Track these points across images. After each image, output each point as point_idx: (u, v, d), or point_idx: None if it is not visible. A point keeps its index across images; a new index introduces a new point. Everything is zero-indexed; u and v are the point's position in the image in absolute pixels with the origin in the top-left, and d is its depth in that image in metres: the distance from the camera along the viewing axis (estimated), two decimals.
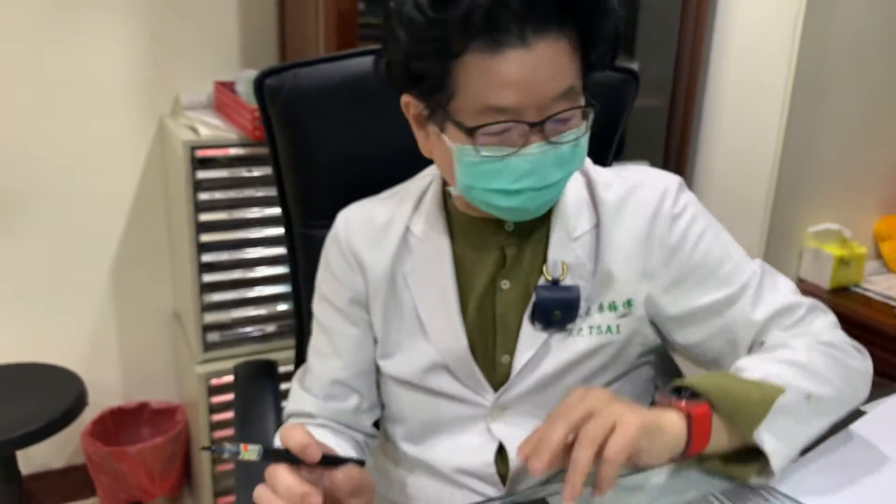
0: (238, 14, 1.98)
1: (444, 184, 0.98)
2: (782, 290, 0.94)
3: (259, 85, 1.14)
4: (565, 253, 0.93)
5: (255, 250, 1.80)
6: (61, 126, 1.89)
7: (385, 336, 0.98)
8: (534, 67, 0.78)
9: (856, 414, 0.98)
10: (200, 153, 1.70)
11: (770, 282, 0.94)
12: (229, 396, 1.85)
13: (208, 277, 1.77)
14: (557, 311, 0.91)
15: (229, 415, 1.87)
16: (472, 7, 0.75)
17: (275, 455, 0.73)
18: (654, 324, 0.96)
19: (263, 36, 2.01)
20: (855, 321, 1.84)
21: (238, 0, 1.96)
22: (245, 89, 1.75)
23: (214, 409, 1.85)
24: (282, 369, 1.37)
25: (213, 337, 1.82)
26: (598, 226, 0.94)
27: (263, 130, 1.16)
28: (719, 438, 0.80)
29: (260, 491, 0.73)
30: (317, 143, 1.17)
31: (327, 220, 1.14)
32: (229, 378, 1.83)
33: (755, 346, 0.93)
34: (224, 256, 1.77)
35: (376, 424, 1.07)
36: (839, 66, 1.88)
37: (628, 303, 0.94)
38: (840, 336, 0.93)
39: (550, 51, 0.79)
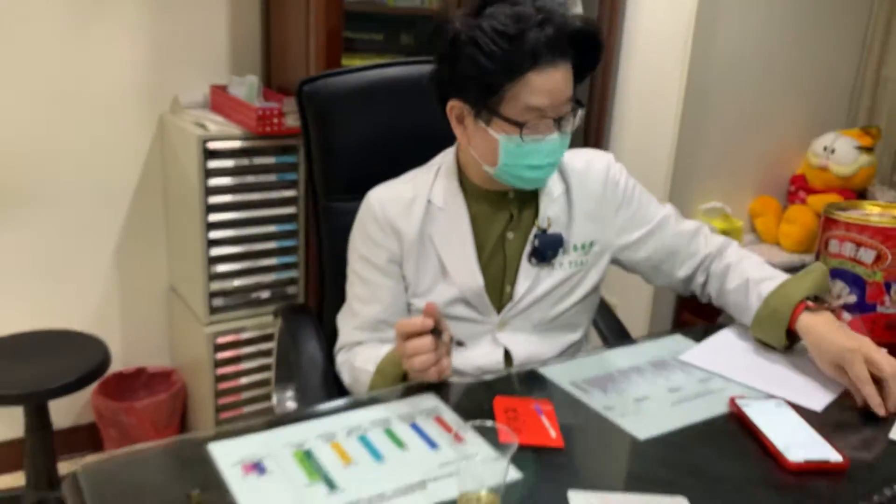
0: (227, 27, 2.29)
1: (459, 167, 1.34)
2: (690, 219, 1.44)
3: (299, 90, 1.49)
4: (549, 210, 1.33)
5: (256, 228, 2.13)
6: (73, 124, 2.16)
7: (416, 281, 1.33)
8: (557, 81, 1.18)
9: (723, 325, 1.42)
10: (210, 145, 2.01)
11: (679, 213, 1.44)
12: (231, 353, 2.18)
13: (215, 251, 2.09)
14: (550, 251, 1.31)
15: (230, 369, 2.20)
16: (537, 44, 1.15)
17: None
18: (614, 257, 1.40)
19: (249, 46, 2.33)
20: None
21: (227, 15, 2.28)
22: (247, 92, 2.08)
23: (218, 363, 2.17)
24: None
25: (218, 302, 2.14)
26: (567, 190, 1.35)
27: (271, 126, 1.48)
28: None
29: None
30: (341, 134, 1.52)
31: (345, 195, 1.52)
32: (232, 337, 2.16)
33: (690, 255, 1.40)
34: (229, 233, 2.10)
35: None
36: (721, 76, 2.36)
37: (591, 243, 1.36)
38: None
39: (565, 70, 1.19)
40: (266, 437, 0.99)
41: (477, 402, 1.12)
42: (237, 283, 2.15)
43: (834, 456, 0.99)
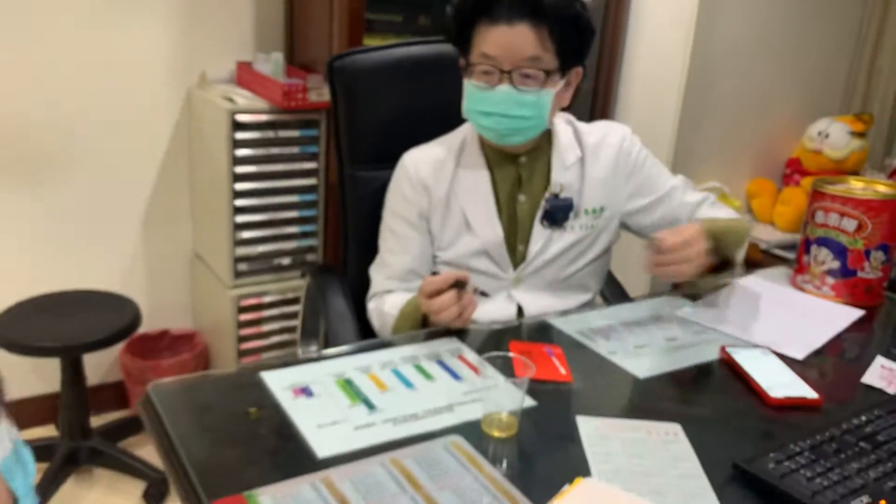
0: (252, 6, 2.41)
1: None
2: (698, 191, 1.55)
3: (329, 66, 1.61)
4: (562, 176, 1.45)
5: (279, 198, 2.25)
6: (104, 96, 2.28)
7: (441, 235, 1.47)
8: (511, 37, 1.30)
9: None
10: (238, 118, 2.13)
11: (689, 184, 1.55)
12: (254, 315, 2.31)
13: (240, 219, 2.22)
14: (561, 214, 1.43)
15: (252, 330, 2.33)
16: (479, 2, 1.31)
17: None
18: (623, 221, 1.51)
19: (273, 25, 2.45)
20: None
21: None
22: (272, 68, 2.20)
23: (241, 325, 2.30)
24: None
25: (242, 267, 2.26)
26: (582, 159, 1.47)
27: (296, 101, 1.63)
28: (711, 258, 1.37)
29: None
30: (367, 107, 1.63)
31: (369, 164, 1.64)
32: (255, 300, 2.29)
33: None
34: (253, 202, 2.22)
35: None
36: (721, 63, 2.48)
37: (602, 208, 1.48)
38: None
39: (527, 31, 1.30)
40: (310, 368, 1.12)
41: (493, 346, 1.24)
42: (261, 249, 2.28)
43: (811, 394, 1.12)
